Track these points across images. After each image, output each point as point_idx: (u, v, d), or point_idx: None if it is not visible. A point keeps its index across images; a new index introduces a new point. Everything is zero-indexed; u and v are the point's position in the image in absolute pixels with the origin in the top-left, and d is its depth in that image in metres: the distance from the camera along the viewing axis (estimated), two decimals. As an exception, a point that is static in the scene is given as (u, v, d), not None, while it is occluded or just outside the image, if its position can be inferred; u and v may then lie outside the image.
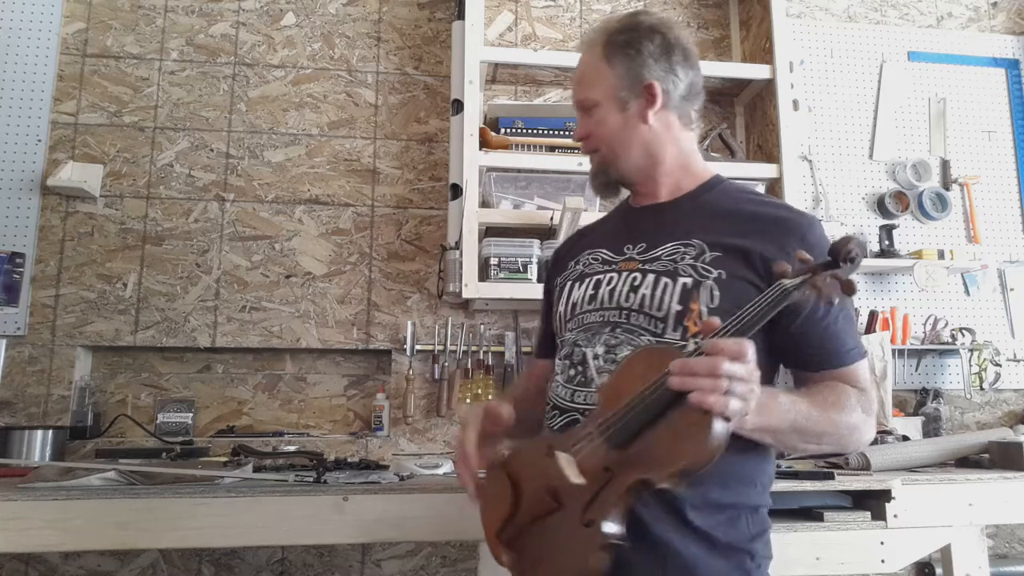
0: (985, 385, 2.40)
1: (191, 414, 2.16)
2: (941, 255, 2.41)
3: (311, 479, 1.54)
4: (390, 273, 2.30)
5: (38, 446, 1.88)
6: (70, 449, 2.01)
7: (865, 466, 1.76)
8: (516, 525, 0.93)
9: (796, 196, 2.25)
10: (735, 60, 2.55)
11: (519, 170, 2.19)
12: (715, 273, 1.00)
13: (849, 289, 0.82)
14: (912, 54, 2.67)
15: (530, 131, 2.21)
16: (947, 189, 2.57)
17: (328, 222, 2.30)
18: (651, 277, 1.03)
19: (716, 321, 0.83)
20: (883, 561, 1.60)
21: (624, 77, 1.11)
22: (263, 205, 2.28)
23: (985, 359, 2.39)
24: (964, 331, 2.41)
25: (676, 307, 0.99)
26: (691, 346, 0.84)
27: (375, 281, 2.29)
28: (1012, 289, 2.56)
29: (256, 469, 1.67)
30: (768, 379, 1.03)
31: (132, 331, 2.16)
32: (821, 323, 1.00)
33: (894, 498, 1.60)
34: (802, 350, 1.02)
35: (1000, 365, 2.40)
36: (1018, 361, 2.51)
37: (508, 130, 2.24)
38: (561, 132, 2.22)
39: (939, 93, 2.66)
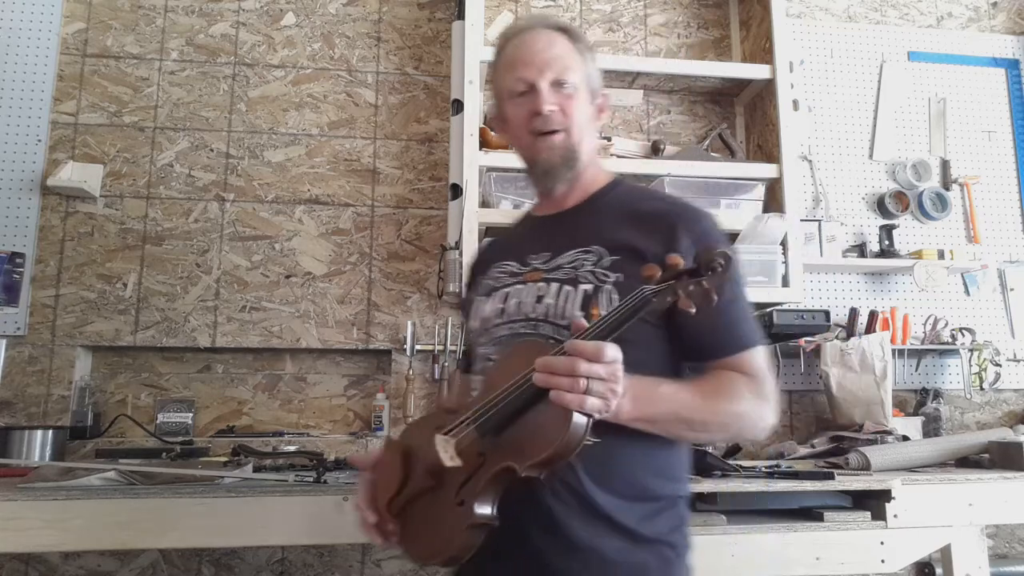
0: (985, 385, 2.40)
1: (191, 414, 2.16)
2: (941, 255, 2.41)
3: (311, 479, 1.54)
4: (390, 273, 2.30)
5: (38, 446, 1.88)
6: (70, 449, 2.01)
7: (865, 466, 1.76)
8: (402, 499, 0.98)
9: (796, 196, 2.25)
10: (735, 60, 2.54)
11: (519, 170, 2.17)
12: (613, 277, 1.02)
13: (708, 300, 0.83)
14: (912, 54, 2.67)
15: (530, 131, 2.20)
16: (947, 189, 2.57)
17: (328, 222, 2.30)
18: (554, 286, 1.05)
19: (582, 322, 0.88)
20: (883, 561, 1.60)
21: (592, 75, 1.15)
22: (263, 205, 2.28)
23: (985, 359, 2.39)
24: (964, 331, 2.41)
25: (578, 314, 0.99)
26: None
27: (375, 281, 2.29)
28: (1012, 289, 2.56)
29: (256, 469, 1.67)
30: (676, 373, 1.05)
31: (132, 331, 2.16)
32: (712, 314, 0.98)
33: (894, 498, 1.60)
34: (693, 341, 1.03)
35: (1000, 365, 2.40)
36: (1018, 361, 2.51)
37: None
38: (561, 132, 2.22)
39: (939, 93, 2.66)
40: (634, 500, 0.99)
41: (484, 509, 0.89)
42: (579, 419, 0.83)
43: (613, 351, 0.84)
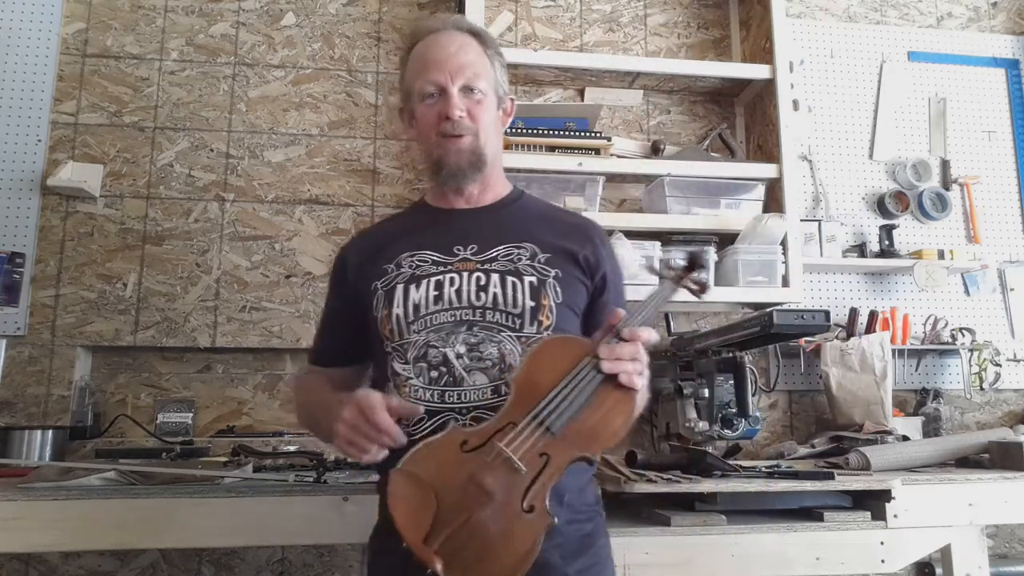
0: (985, 385, 2.40)
1: (191, 414, 2.16)
2: (941, 255, 2.41)
3: (311, 479, 1.54)
4: (390, 273, 2.29)
5: (38, 446, 1.88)
6: (70, 449, 2.01)
7: (865, 466, 1.76)
8: (442, 528, 0.88)
9: (796, 196, 2.25)
10: (735, 60, 2.54)
11: (519, 170, 2.18)
12: (552, 272, 1.13)
13: (704, 289, 1.14)
14: (912, 54, 2.67)
15: (530, 131, 2.21)
16: (947, 189, 2.57)
17: (328, 222, 2.30)
18: (496, 276, 1.12)
19: (622, 312, 1.01)
20: (883, 561, 1.60)
21: (500, 80, 1.23)
22: (263, 205, 2.28)
23: (985, 359, 2.39)
24: (964, 331, 2.41)
25: (530, 303, 1.10)
26: (606, 338, 0.99)
27: (375, 281, 2.28)
28: (1012, 289, 2.56)
29: (256, 469, 1.67)
30: None
31: (132, 331, 2.16)
32: (614, 305, 1.17)
33: (894, 498, 1.60)
34: (601, 316, 1.16)
35: (1000, 365, 2.40)
36: (1018, 361, 2.51)
37: (508, 130, 2.22)
38: (561, 132, 2.22)
39: (939, 93, 2.66)
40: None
41: (553, 508, 0.90)
42: (639, 397, 0.98)
43: (657, 335, 1.00)
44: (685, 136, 2.51)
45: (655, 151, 2.35)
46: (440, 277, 1.13)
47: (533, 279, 1.12)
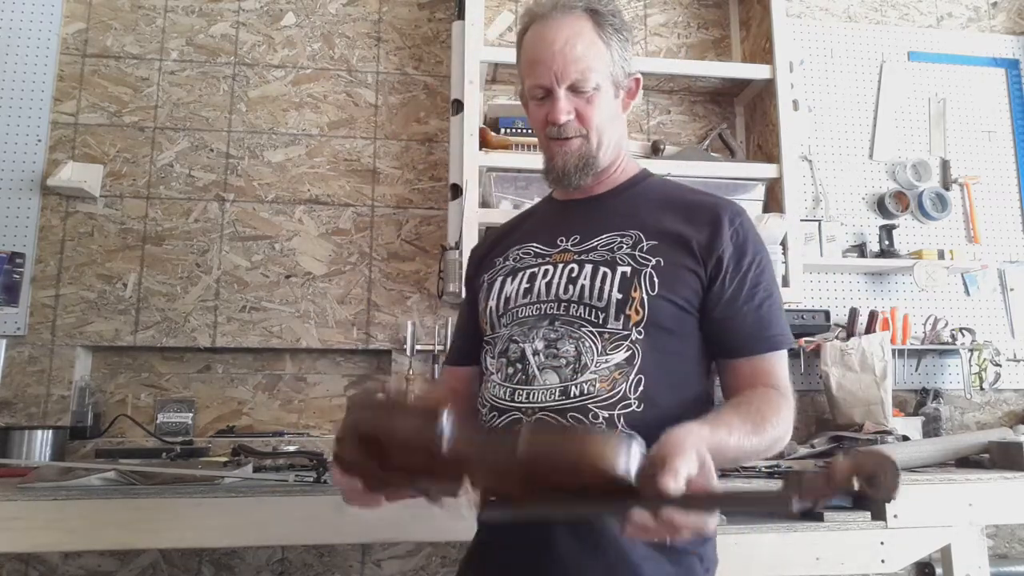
0: (985, 385, 2.39)
1: (191, 414, 2.16)
2: (941, 255, 2.41)
3: (311, 479, 1.54)
4: (390, 273, 2.30)
5: (38, 446, 1.88)
6: (70, 449, 2.01)
7: (865, 466, 1.76)
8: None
9: (796, 196, 2.25)
10: (735, 60, 2.54)
11: (519, 170, 2.19)
12: (653, 261, 1.00)
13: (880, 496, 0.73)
14: (912, 54, 2.67)
15: (530, 131, 2.21)
16: (947, 189, 2.57)
17: (328, 222, 2.30)
18: (589, 267, 1.02)
19: (671, 487, 0.70)
20: (883, 561, 1.59)
21: (619, 62, 1.07)
22: (263, 205, 2.28)
23: (985, 359, 2.39)
24: (964, 331, 2.40)
25: (617, 296, 0.98)
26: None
27: (375, 281, 2.29)
28: (1012, 289, 2.56)
29: (256, 469, 1.67)
30: (705, 369, 1.05)
31: (132, 331, 2.16)
32: (740, 310, 1.01)
33: (894, 498, 1.60)
34: (728, 334, 1.01)
35: (1000, 365, 2.40)
36: (1018, 361, 2.51)
37: (508, 130, 2.24)
38: (561, 132, 2.22)
39: (939, 93, 2.66)
40: None
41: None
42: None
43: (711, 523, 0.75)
44: (685, 136, 2.51)
45: (655, 151, 2.35)
46: (535, 269, 1.06)
47: (627, 269, 0.99)
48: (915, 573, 2.21)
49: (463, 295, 1.25)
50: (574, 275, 1.02)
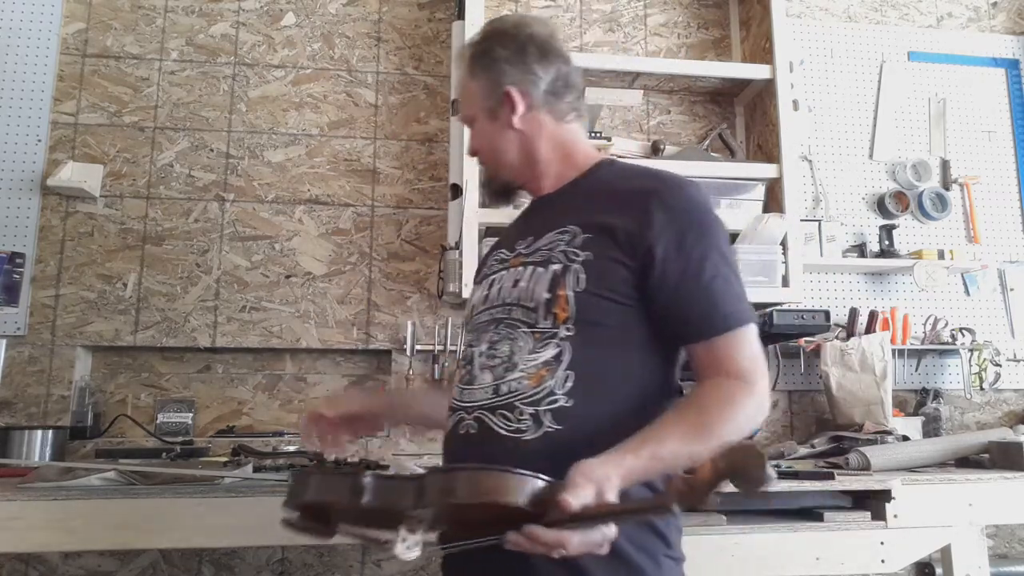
0: (985, 385, 2.40)
1: (191, 414, 2.16)
2: (941, 255, 2.41)
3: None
4: (390, 273, 2.30)
5: (38, 446, 1.88)
6: (70, 449, 2.01)
7: (865, 466, 1.76)
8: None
9: (796, 196, 2.25)
10: (735, 60, 2.54)
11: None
12: (583, 256, 0.99)
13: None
14: (912, 54, 2.67)
15: (530, 131, 2.20)
16: (947, 189, 2.57)
17: (328, 222, 2.30)
18: (529, 270, 1.04)
19: (571, 505, 0.75)
20: (883, 561, 1.60)
21: (485, 87, 1.13)
22: (263, 205, 2.28)
23: (985, 359, 2.39)
24: (964, 331, 2.40)
25: (545, 295, 1.00)
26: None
27: (375, 281, 2.29)
28: (1012, 289, 2.56)
29: (256, 469, 1.67)
30: (662, 358, 1.02)
31: (132, 331, 2.16)
32: (690, 291, 0.97)
33: (894, 498, 1.60)
34: (677, 321, 0.98)
35: (1000, 365, 2.40)
36: (1018, 361, 2.51)
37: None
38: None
39: (939, 93, 2.66)
40: (620, 559, 0.93)
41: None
42: None
43: (572, 543, 0.77)
44: (685, 136, 2.51)
45: (655, 151, 2.35)
46: (495, 276, 1.11)
47: (558, 267, 1.01)
48: (915, 573, 2.21)
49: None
50: (518, 278, 1.06)
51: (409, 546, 0.80)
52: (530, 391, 0.97)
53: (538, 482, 0.78)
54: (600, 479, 0.79)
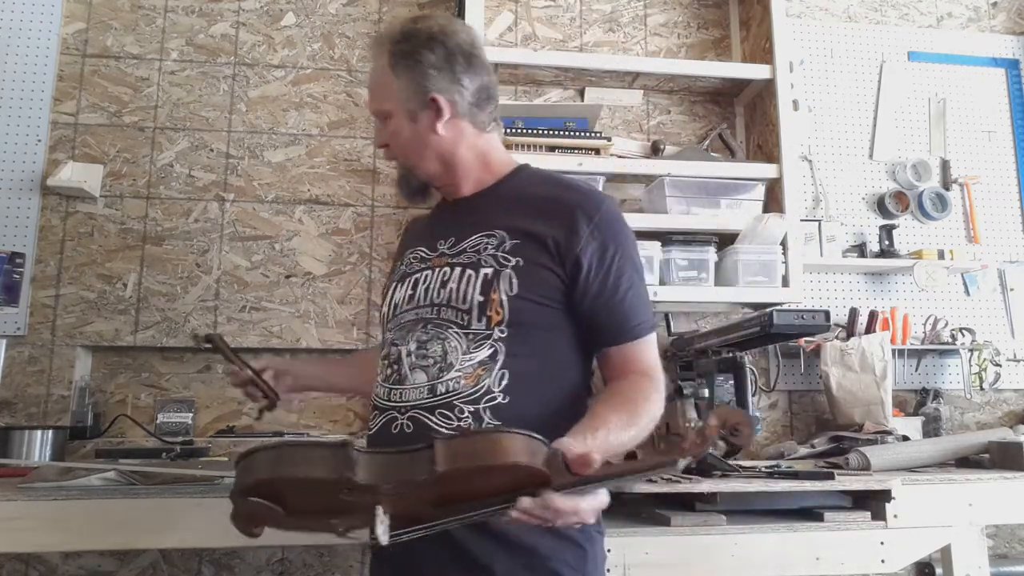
0: (985, 385, 2.40)
1: (191, 414, 2.16)
2: (941, 255, 2.41)
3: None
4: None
5: (38, 446, 1.88)
6: (70, 449, 2.01)
7: (865, 466, 1.76)
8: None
9: (796, 196, 2.25)
10: (735, 60, 2.54)
11: (519, 170, 2.19)
12: (513, 261, 1.04)
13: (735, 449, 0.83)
14: (912, 54, 2.67)
15: (530, 131, 2.21)
16: (947, 189, 2.57)
17: (328, 222, 2.30)
18: (458, 271, 1.07)
19: (591, 457, 0.77)
20: (883, 561, 1.60)
21: (408, 89, 1.12)
22: (263, 205, 2.28)
23: (985, 359, 2.39)
24: (964, 331, 2.41)
25: (479, 298, 1.03)
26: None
27: (375, 281, 2.29)
28: (1012, 289, 2.56)
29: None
30: (583, 355, 1.11)
31: (132, 331, 2.16)
32: (605, 304, 1.06)
33: (894, 498, 1.60)
34: (595, 327, 1.07)
35: (1000, 365, 2.40)
36: (1018, 361, 2.51)
37: (508, 130, 2.23)
38: (561, 132, 2.22)
39: (939, 93, 2.66)
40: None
41: None
42: None
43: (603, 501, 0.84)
44: (685, 136, 2.51)
45: (655, 151, 2.35)
46: (419, 275, 1.12)
47: (489, 270, 1.04)
48: (915, 573, 2.21)
49: None
50: (446, 279, 1.07)
51: (386, 529, 0.75)
52: (468, 390, 1.01)
53: (544, 446, 0.77)
54: (591, 447, 0.82)
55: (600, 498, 0.83)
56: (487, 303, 1.03)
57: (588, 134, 2.24)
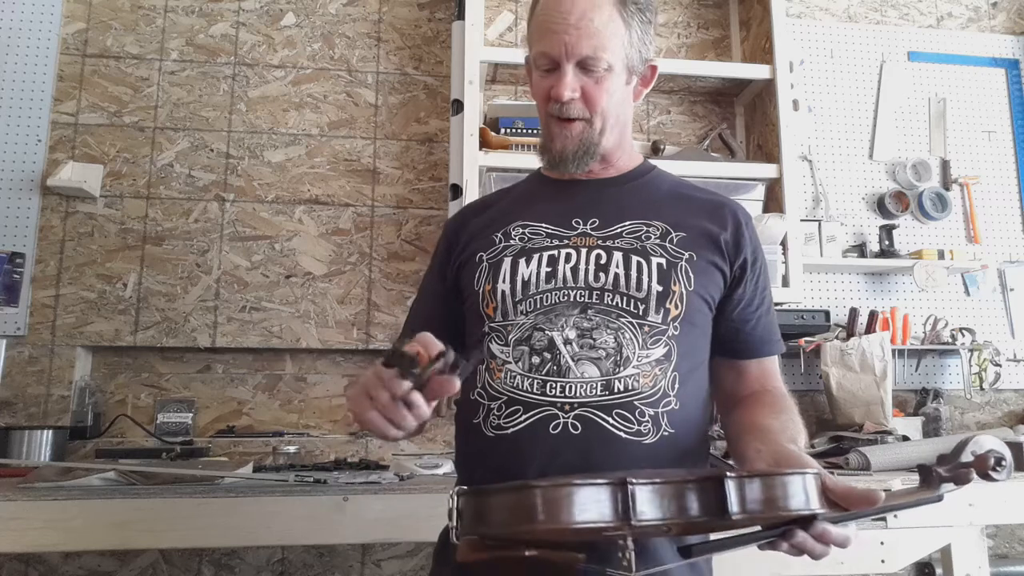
0: (985, 385, 2.39)
1: (191, 414, 2.16)
2: (941, 255, 2.41)
3: (311, 479, 1.54)
4: (390, 273, 2.30)
5: (38, 446, 1.88)
6: (70, 449, 2.01)
7: (865, 466, 1.76)
8: None
9: (796, 196, 2.25)
10: (735, 60, 2.54)
11: (519, 170, 2.18)
12: (686, 255, 0.97)
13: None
14: (912, 54, 2.67)
15: (530, 131, 2.21)
16: (947, 189, 2.57)
17: (328, 222, 2.30)
18: (618, 255, 0.96)
19: (879, 496, 0.77)
20: (883, 561, 1.59)
21: (637, 46, 0.99)
22: (263, 205, 2.28)
23: (985, 359, 2.39)
24: (964, 331, 2.40)
25: (657, 287, 0.94)
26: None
27: (375, 281, 2.29)
28: (1012, 289, 2.56)
29: (256, 469, 1.67)
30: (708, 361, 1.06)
31: (132, 331, 2.16)
32: (755, 314, 1.04)
33: (894, 498, 1.60)
34: (737, 337, 1.03)
35: (1000, 365, 2.40)
36: (1018, 361, 2.51)
37: (508, 130, 2.24)
38: (561, 132, 2.21)
39: (939, 93, 2.66)
40: None
41: None
42: None
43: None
44: (685, 136, 2.51)
45: (655, 151, 2.35)
46: (554, 252, 0.98)
47: (662, 260, 0.96)
48: (915, 573, 2.21)
49: (436, 271, 1.13)
50: (603, 262, 0.96)
51: (632, 560, 0.67)
52: (648, 391, 0.91)
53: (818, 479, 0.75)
54: (835, 480, 0.80)
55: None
56: (667, 294, 0.94)
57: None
